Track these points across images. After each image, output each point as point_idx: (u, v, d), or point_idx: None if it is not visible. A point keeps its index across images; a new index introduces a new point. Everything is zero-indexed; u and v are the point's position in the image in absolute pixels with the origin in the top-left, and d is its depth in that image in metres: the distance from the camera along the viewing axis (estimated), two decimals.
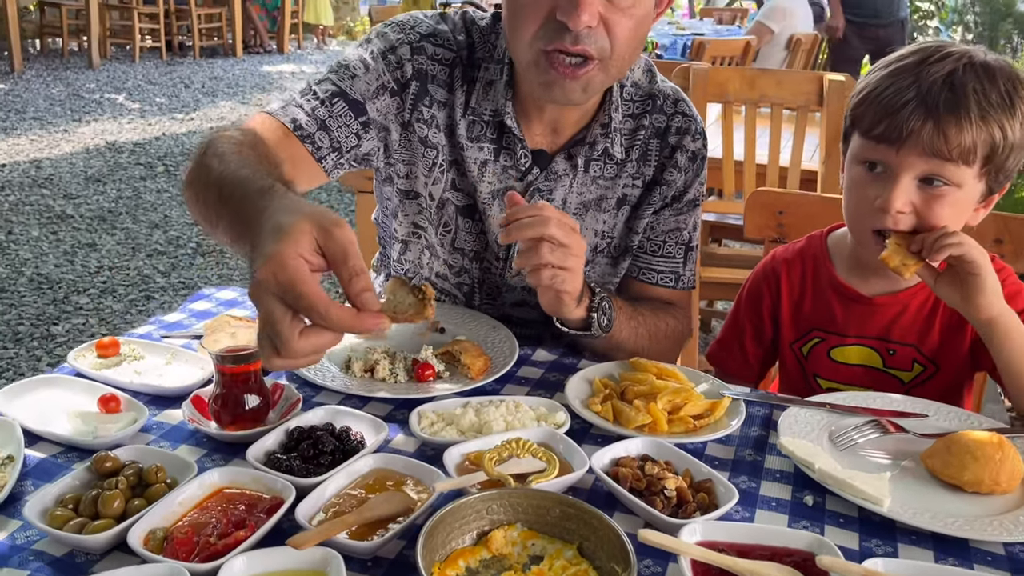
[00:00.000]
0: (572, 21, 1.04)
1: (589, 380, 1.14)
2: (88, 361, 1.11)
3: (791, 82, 2.36)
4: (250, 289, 0.75)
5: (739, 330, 1.39)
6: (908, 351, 1.25)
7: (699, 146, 1.31)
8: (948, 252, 1.06)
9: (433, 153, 1.25)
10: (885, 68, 1.15)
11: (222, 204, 0.92)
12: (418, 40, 1.23)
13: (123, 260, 3.87)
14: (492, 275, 1.33)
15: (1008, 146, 1.09)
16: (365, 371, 1.14)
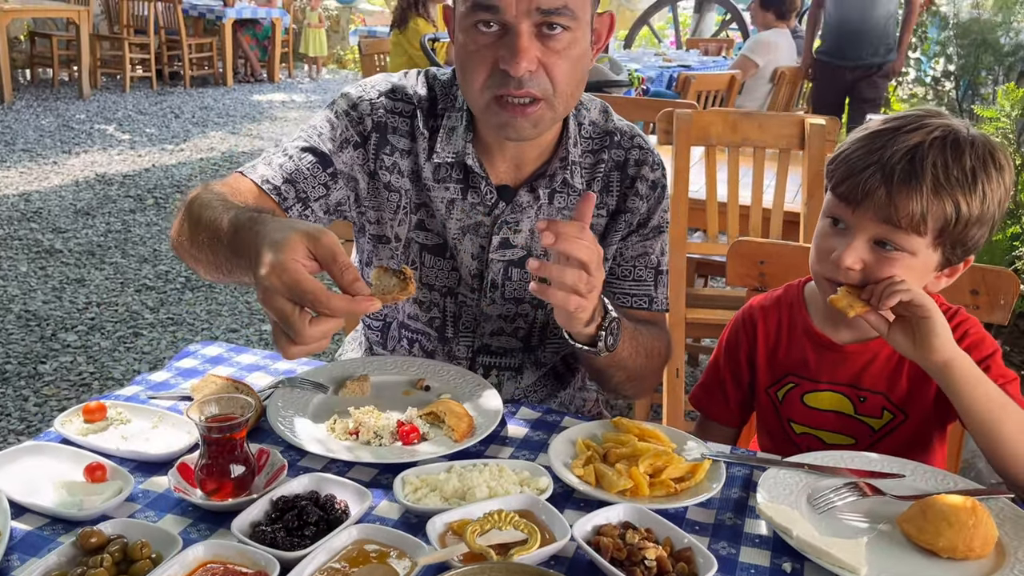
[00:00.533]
0: (513, 69, 1.14)
1: (572, 441, 1.15)
2: (75, 427, 1.12)
3: (773, 125, 2.40)
4: (259, 296, 0.91)
5: (719, 374, 1.44)
6: (878, 399, 1.29)
7: (658, 175, 1.40)
8: (897, 298, 1.09)
9: (397, 197, 1.35)
10: (865, 131, 1.21)
11: (217, 242, 1.06)
12: (377, 96, 1.35)
13: (112, 296, 3.87)
14: (468, 307, 1.39)
15: (964, 221, 1.12)
16: (350, 433, 1.15)
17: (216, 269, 1.13)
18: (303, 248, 0.90)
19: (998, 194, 1.14)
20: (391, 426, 1.16)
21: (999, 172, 1.15)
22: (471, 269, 1.36)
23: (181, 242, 1.18)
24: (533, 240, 1.35)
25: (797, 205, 2.45)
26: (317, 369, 1.33)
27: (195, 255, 1.15)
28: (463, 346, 1.42)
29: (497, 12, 1.13)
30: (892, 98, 6.39)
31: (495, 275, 1.36)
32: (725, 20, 9.18)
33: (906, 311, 1.11)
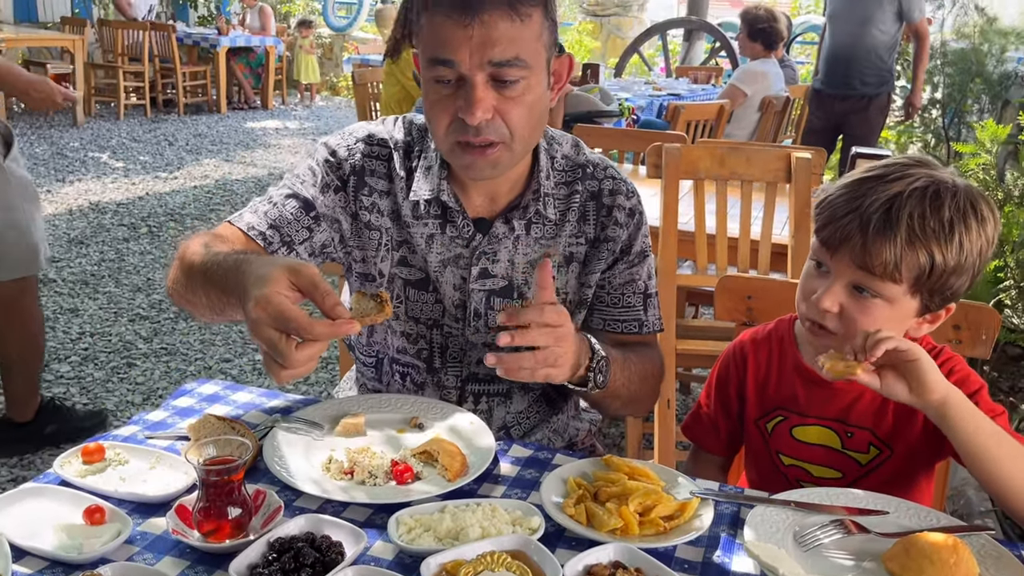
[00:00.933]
0: (469, 119, 1.21)
1: (563, 479, 1.17)
2: (74, 468, 1.14)
3: (760, 159, 2.44)
4: (249, 328, 0.99)
5: (710, 406, 1.48)
6: (864, 434, 1.32)
7: (634, 203, 1.46)
8: (884, 347, 1.11)
9: (378, 235, 1.41)
10: (850, 177, 1.25)
11: (210, 284, 1.17)
12: (354, 143, 1.42)
13: (105, 326, 3.88)
14: (454, 337, 1.44)
15: (940, 271, 1.15)
16: (345, 473, 1.17)
17: (211, 310, 1.22)
18: (285, 280, 1.00)
19: (978, 245, 1.17)
20: (385, 465, 1.18)
21: (980, 224, 1.17)
22: (454, 300, 1.42)
23: (177, 289, 1.28)
24: (513, 269, 1.41)
25: (785, 237, 2.49)
26: (312, 408, 1.35)
27: (190, 299, 1.25)
28: (452, 376, 1.46)
29: (453, 66, 1.20)
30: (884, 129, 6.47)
31: (477, 304, 1.41)
32: (714, 48, 9.30)
33: (894, 359, 1.12)
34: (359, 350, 1.56)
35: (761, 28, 5.11)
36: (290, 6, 12.75)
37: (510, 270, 1.41)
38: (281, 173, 7.14)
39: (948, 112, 5.98)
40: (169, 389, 3.33)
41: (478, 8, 1.17)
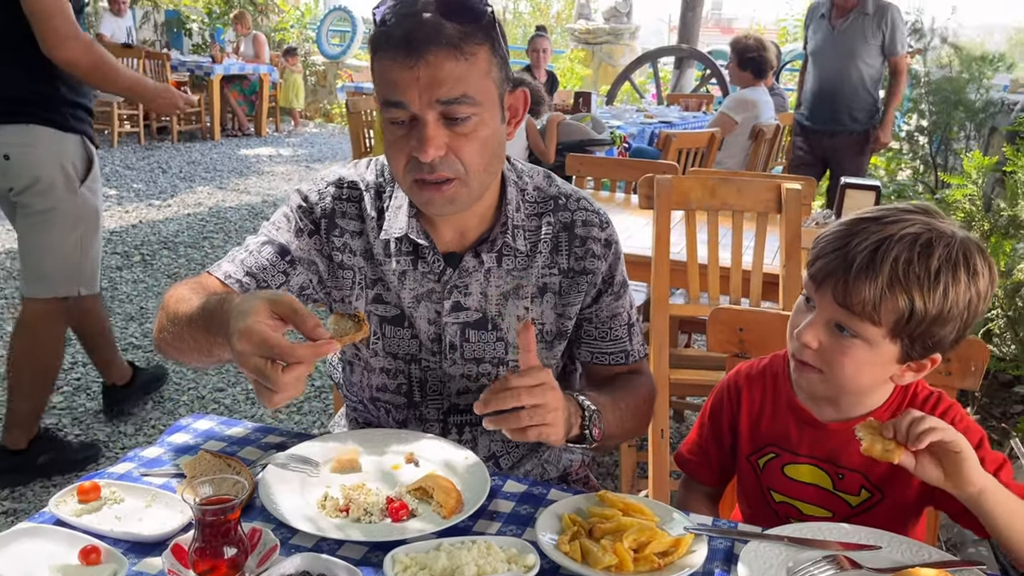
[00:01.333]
0: (422, 156, 1.24)
1: (558, 515, 1.18)
2: (69, 507, 1.14)
3: (750, 190, 2.47)
4: (237, 361, 1.05)
5: (703, 438, 1.49)
6: (856, 477, 1.32)
7: (609, 233, 1.48)
8: (930, 438, 1.09)
9: (351, 274, 1.45)
10: (848, 218, 1.25)
11: (196, 328, 1.22)
12: (325, 187, 1.46)
13: None
14: (433, 371, 1.46)
15: (922, 318, 1.15)
16: (340, 510, 1.17)
17: (199, 353, 1.27)
18: (266, 311, 1.05)
19: (965, 297, 1.15)
20: (380, 503, 1.18)
21: (971, 276, 1.16)
22: (429, 334, 1.44)
23: (164, 338, 1.33)
24: (486, 302, 1.43)
25: (776, 267, 2.51)
26: (307, 443, 1.35)
27: (178, 347, 1.30)
28: (432, 408, 1.48)
29: (404, 106, 1.23)
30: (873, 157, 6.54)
31: (452, 337, 1.43)
32: (704, 76, 9.40)
33: (937, 449, 1.11)
34: (346, 389, 1.58)
35: (751, 57, 5.18)
36: (284, 34, 12.84)
37: (483, 302, 1.43)
38: (274, 200, 7.16)
39: (935, 140, 6.05)
40: (162, 419, 3.32)
41: (422, 50, 1.20)
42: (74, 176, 2.64)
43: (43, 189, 2.60)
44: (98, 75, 2.54)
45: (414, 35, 1.20)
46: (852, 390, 1.27)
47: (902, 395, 1.32)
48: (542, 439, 1.21)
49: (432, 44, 1.20)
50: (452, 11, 1.22)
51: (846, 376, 1.23)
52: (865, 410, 1.30)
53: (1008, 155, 2.79)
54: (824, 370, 1.24)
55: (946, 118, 5.79)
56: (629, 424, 1.45)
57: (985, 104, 5.55)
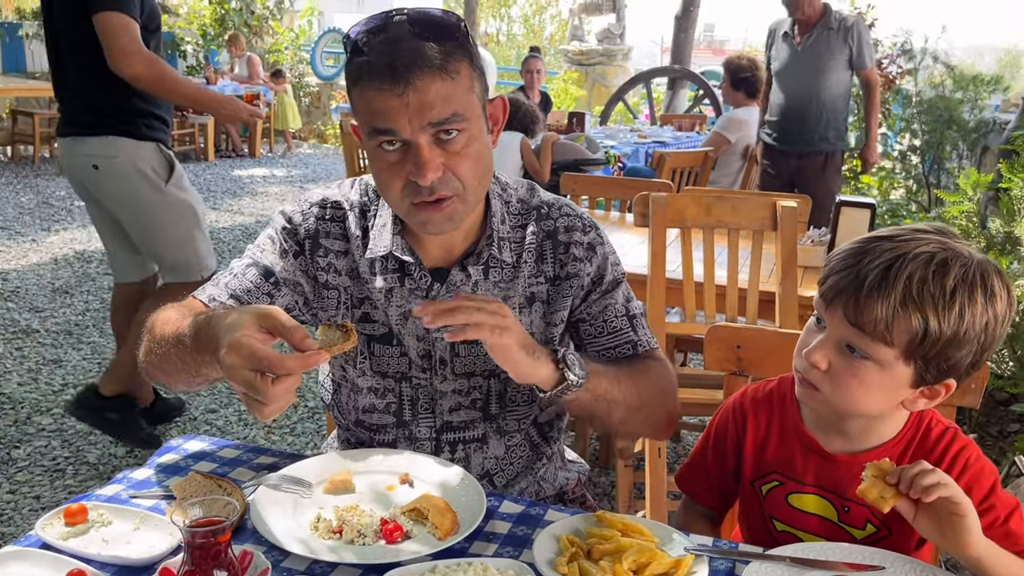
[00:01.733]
0: (422, 180, 1.24)
1: (556, 536, 1.15)
2: (56, 530, 1.11)
3: (745, 208, 2.46)
4: (226, 376, 1.05)
5: (705, 460, 1.44)
6: (862, 511, 1.27)
7: (592, 237, 1.46)
8: (938, 494, 1.05)
9: (336, 294, 1.44)
10: (861, 237, 1.21)
11: (183, 348, 1.21)
12: (308, 207, 1.45)
13: (88, 376, 3.83)
14: (423, 388, 1.44)
15: (936, 339, 1.11)
16: (333, 532, 1.15)
17: (186, 373, 1.25)
18: (253, 324, 1.06)
19: (982, 319, 1.11)
20: (375, 524, 1.16)
21: (988, 298, 1.11)
22: (418, 350, 1.42)
23: (151, 360, 1.31)
24: None
25: (772, 285, 2.50)
26: (299, 464, 1.33)
27: (165, 368, 1.28)
28: (424, 427, 1.46)
29: (395, 134, 1.22)
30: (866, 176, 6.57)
31: (442, 352, 1.42)
32: (698, 96, 9.44)
33: (940, 506, 1.07)
34: (336, 411, 1.56)
35: (744, 77, 5.21)
36: (278, 56, 12.89)
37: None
38: (267, 221, 7.14)
39: (928, 159, 6.08)
40: None
41: (408, 75, 1.19)
42: (156, 178, 2.91)
43: (131, 194, 2.90)
44: (161, 88, 2.76)
45: (398, 61, 1.19)
46: (859, 412, 1.22)
47: (915, 428, 1.27)
48: (496, 339, 1.17)
49: (417, 68, 1.20)
50: (427, 31, 1.22)
51: (855, 399, 1.18)
52: (876, 441, 1.26)
53: (1004, 171, 2.79)
54: (831, 392, 1.19)
55: (939, 137, 5.83)
56: (635, 394, 1.38)
57: (978, 123, 5.58)
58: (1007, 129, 5.05)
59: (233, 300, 1.38)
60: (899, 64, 6.61)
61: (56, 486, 2.92)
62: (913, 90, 6.07)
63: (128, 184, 2.88)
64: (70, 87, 2.88)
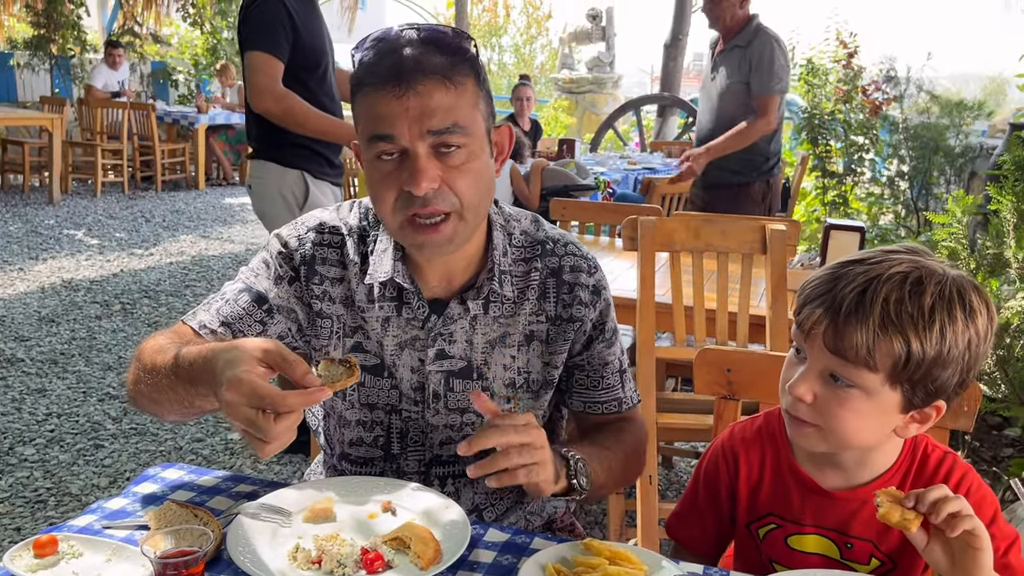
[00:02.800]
0: (416, 189, 1.20)
1: (542, 565, 1.12)
2: (24, 562, 1.07)
3: (734, 231, 2.45)
4: (224, 412, 1.03)
5: (698, 505, 1.39)
6: (866, 546, 1.23)
7: (598, 279, 1.44)
8: (962, 527, 1.02)
9: (329, 323, 1.40)
10: (832, 263, 1.19)
11: (176, 378, 1.19)
12: (305, 232, 1.41)
13: (73, 406, 3.78)
14: (414, 420, 1.41)
15: (920, 361, 1.08)
16: (312, 562, 1.11)
17: (179, 405, 1.23)
18: (253, 360, 1.04)
19: (964, 337, 1.08)
20: (355, 554, 1.12)
21: (968, 315, 1.08)
22: (411, 383, 1.39)
23: (140, 390, 1.29)
24: (471, 350, 1.39)
25: (763, 309, 2.49)
26: (279, 492, 1.29)
27: (156, 398, 1.26)
28: (413, 460, 1.42)
29: (393, 140, 1.20)
30: (850, 197, 6.61)
31: (436, 386, 1.38)
32: (687, 123, 9.50)
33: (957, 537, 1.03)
34: (323, 438, 1.53)
35: None
36: None
37: (468, 351, 1.38)
38: (257, 249, 7.12)
39: (915, 184, 6.12)
40: (137, 471, 3.23)
41: (412, 79, 1.18)
42: (293, 203, 3.17)
43: (269, 214, 3.21)
44: (290, 122, 3.01)
45: (402, 65, 1.18)
46: (853, 445, 1.18)
47: (911, 456, 1.23)
48: (531, 479, 1.15)
49: (421, 73, 1.18)
50: (435, 42, 1.21)
51: (846, 430, 1.14)
52: (872, 474, 1.22)
53: (992, 193, 2.79)
54: (822, 425, 1.15)
55: (926, 163, 5.86)
56: (619, 473, 1.40)
57: (964, 149, 5.62)
58: (994, 154, 5.08)
59: (224, 328, 1.35)
60: (884, 91, 6.68)
61: (37, 517, 2.87)
62: (899, 117, 6.12)
63: (269, 205, 3.19)
64: (249, 117, 3.19)
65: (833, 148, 6.71)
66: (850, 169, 6.58)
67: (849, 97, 6.72)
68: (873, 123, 6.49)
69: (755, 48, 3.98)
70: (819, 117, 6.70)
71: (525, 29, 21.49)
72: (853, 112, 6.65)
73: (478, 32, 19.88)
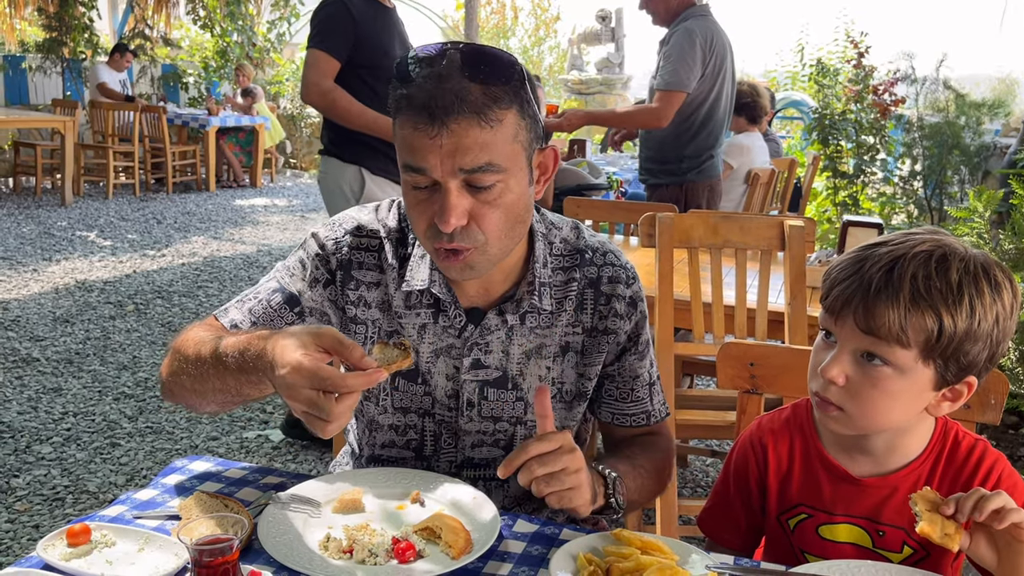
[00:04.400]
0: (443, 226, 1.19)
1: (572, 555, 1.12)
2: (58, 551, 1.08)
3: (753, 227, 2.45)
4: (285, 395, 1.04)
5: (728, 499, 1.38)
6: (898, 533, 1.22)
7: (635, 290, 1.42)
8: (1010, 520, 1.01)
9: (364, 328, 1.39)
10: (857, 247, 1.20)
11: (223, 367, 1.18)
12: (343, 235, 1.39)
13: (89, 405, 3.80)
14: (448, 423, 1.40)
15: (952, 335, 1.09)
16: (344, 551, 1.11)
17: (224, 393, 1.23)
18: (312, 344, 1.05)
19: (993, 311, 1.10)
20: (386, 543, 1.12)
21: (994, 290, 1.10)
22: (446, 390, 1.38)
23: (179, 381, 1.29)
24: (507, 360, 1.37)
25: (781, 305, 2.48)
26: (308, 483, 1.29)
27: (198, 389, 1.26)
28: (444, 462, 1.42)
29: (426, 173, 1.18)
30: (861, 197, 6.59)
31: (470, 395, 1.38)
32: None
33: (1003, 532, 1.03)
34: (352, 436, 1.52)
35: (745, 102, 5.21)
36: (280, 87, 12.97)
37: (504, 361, 1.37)
38: (269, 250, 7.14)
39: (930, 184, 6.09)
40: (154, 469, 3.24)
41: (444, 118, 1.14)
42: (350, 196, 3.32)
43: (331, 205, 3.41)
44: (335, 116, 3.21)
45: (437, 102, 1.14)
46: (884, 426, 1.18)
47: (942, 442, 1.23)
48: (564, 505, 1.16)
49: (455, 112, 1.14)
50: (479, 70, 1.16)
51: (878, 411, 1.14)
52: (903, 460, 1.22)
53: (1015, 187, 2.78)
54: (853, 408, 1.15)
55: (940, 162, 5.84)
56: (649, 492, 1.40)
57: (979, 148, 5.59)
58: (1009, 152, 5.06)
59: (254, 328, 1.34)
60: (893, 93, 6.66)
61: (56, 515, 2.87)
62: (913, 115, 6.09)
63: (331, 197, 3.42)
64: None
65: (844, 148, 6.69)
66: (861, 169, 6.56)
67: (860, 97, 6.70)
68: (884, 123, 6.46)
69: (671, 39, 3.72)
70: (830, 117, 6.67)
71: (534, 31, 21.49)
72: (864, 112, 6.63)
73: (486, 34, 19.89)
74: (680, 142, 3.85)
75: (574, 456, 1.15)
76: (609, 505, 1.25)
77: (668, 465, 1.47)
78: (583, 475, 1.16)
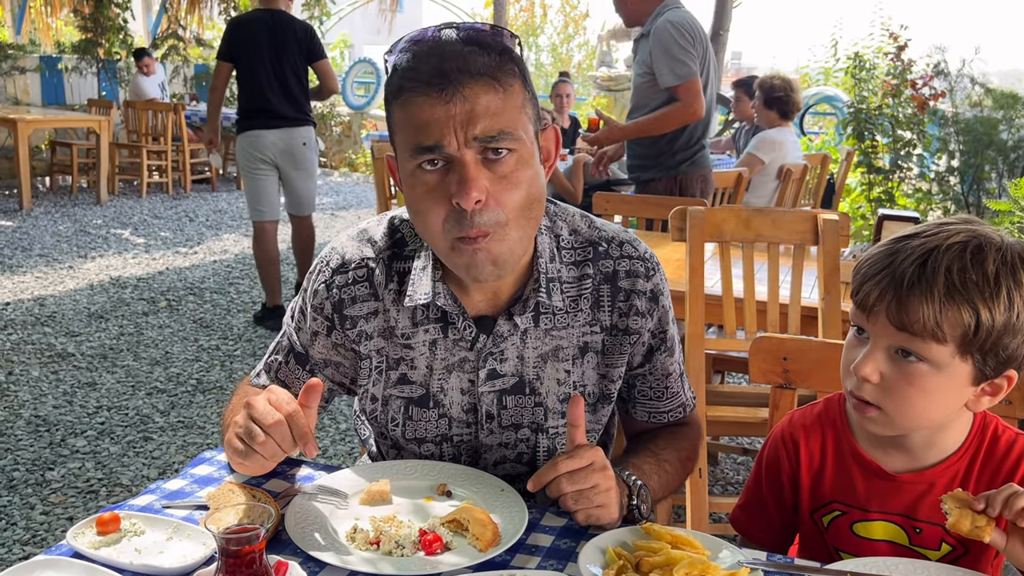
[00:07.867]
0: (464, 201, 1.11)
1: (602, 549, 1.10)
2: (87, 539, 1.08)
3: (786, 221, 2.41)
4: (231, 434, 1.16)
5: (760, 496, 1.36)
6: (936, 530, 1.19)
7: (656, 282, 1.34)
8: None
9: (369, 362, 1.35)
10: (890, 238, 1.16)
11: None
12: (329, 276, 1.34)
13: (122, 399, 3.84)
14: (467, 443, 1.36)
15: (990, 329, 1.05)
16: (371, 543, 1.11)
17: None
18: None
19: None
20: (413, 535, 1.12)
21: None
22: (462, 405, 1.33)
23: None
24: (523, 365, 1.32)
25: (814, 300, 2.44)
26: (335, 475, 1.29)
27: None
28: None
29: (439, 149, 1.12)
30: (897, 193, 6.48)
31: (488, 406, 1.33)
32: (728, 120, 9.39)
33: None
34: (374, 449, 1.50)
35: (777, 96, 5.15)
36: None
37: (520, 367, 1.31)
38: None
39: (966, 180, 5.98)
40: (185, 463, 3.27)
41: (458, 81, 1.09)
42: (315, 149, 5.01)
43: (309, 159, 4.99)
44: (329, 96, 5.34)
45: (447, 66, 1.09)
46: (922, 424, 1.14)
47: (980, 437, 1.19)
48: (591, 523, 1.15)
49: (467, 75, 1.10)
50: (478, 41, 1.13)
51: (915, 409, 1.11)
52: (940, 455, 1.19)
53: None
54: (888, 406, 1.12)
55: (977, 158, 5.73)
56: (674, 484, 1.37)
57: (1016, 143, 5.48)
58: None
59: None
60: (932, 86, 6.54)
61: (89, 507, 2.91)
62: (949, 110, 5.98)
63: (313, 154, 4.99)
64: (291, 97, 4.81)
65: (879, 143, 6.58)
66: (896, 165, 6.45)
67: (898, 91, 6.58)
68: (920, 118, 6.35)
69: (653, 36, 3.65)
70: (865, 112, 6.57)
71: (562, 28, 21.44)
72: (901, 107, 6.51)
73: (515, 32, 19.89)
74: (673, 134, 3.80)
75: (605, 474, 1.13)
76: (633, 513, 1.21)
77: (694, 454, 1.44)
78: (613, 494, 1.14)
